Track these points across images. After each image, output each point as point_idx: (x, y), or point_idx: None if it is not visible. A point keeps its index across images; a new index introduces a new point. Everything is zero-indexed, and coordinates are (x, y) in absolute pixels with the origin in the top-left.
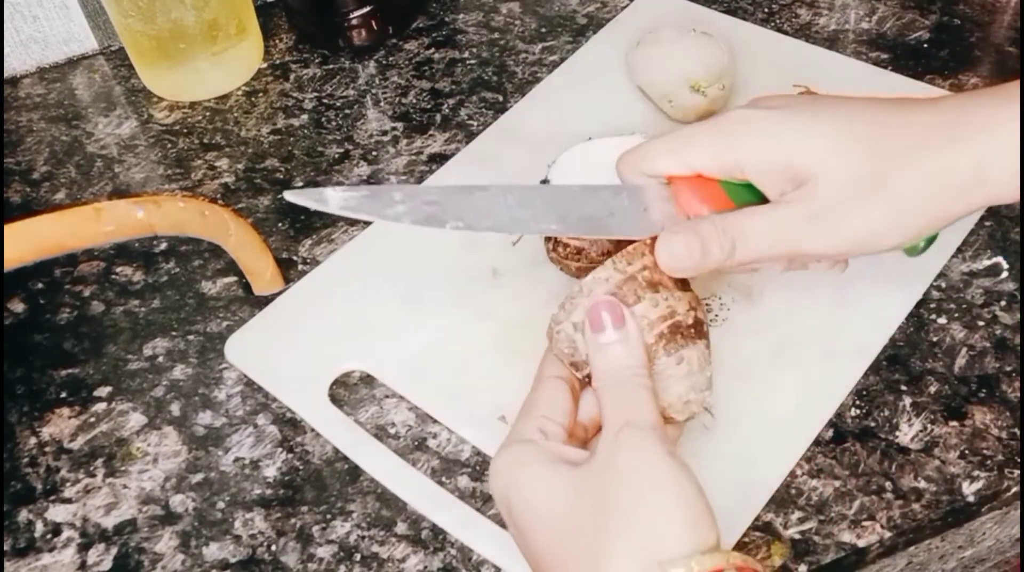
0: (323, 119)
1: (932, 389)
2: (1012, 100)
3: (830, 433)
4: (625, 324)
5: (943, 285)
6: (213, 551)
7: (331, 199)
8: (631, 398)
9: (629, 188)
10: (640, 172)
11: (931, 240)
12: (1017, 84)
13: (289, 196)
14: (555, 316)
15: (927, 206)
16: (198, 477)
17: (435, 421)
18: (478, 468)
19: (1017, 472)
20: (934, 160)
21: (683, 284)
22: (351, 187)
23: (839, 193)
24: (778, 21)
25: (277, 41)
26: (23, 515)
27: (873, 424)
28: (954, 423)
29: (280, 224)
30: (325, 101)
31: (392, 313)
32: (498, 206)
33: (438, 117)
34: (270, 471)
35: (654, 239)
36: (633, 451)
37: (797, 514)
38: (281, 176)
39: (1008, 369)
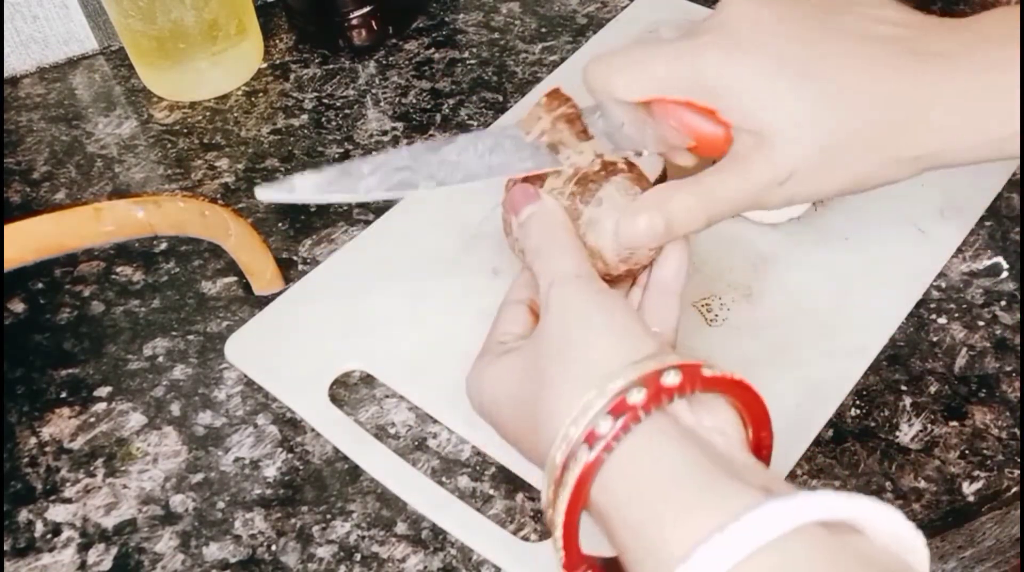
0: (323, 119)
1: (932, 389)
2: (984, 68)
3: (830, 433)
4: (539, 198)
5: (943, 285)
6: (213, 551)
7: (301, 187)
8: (553, 257)
9: (600, 109)
10: (606, 95)
11: None
12: (995, 42)
13: (260, 194)
14: (504, 227)
15: (882, 176)
16: (198, 477)
17: (435, 421)
18: (478, 468)
19: (1017, 472)
20: (899, 144)
21: (584, 134)
22: (319, 170)
23: (802, 164)
24: None
25: (277, 41)
26: (23, 515)
27: (873, 424)
28: (954, 423)
29: (280, 224)
30: (325, 101)
31: (392, 313)
32: (468, 156)
33: (438, 117)
34: (270, 471)
35: (553, 98)
36: (559, 303)
37: None
38: (281, 176)
39: (1008, 369)
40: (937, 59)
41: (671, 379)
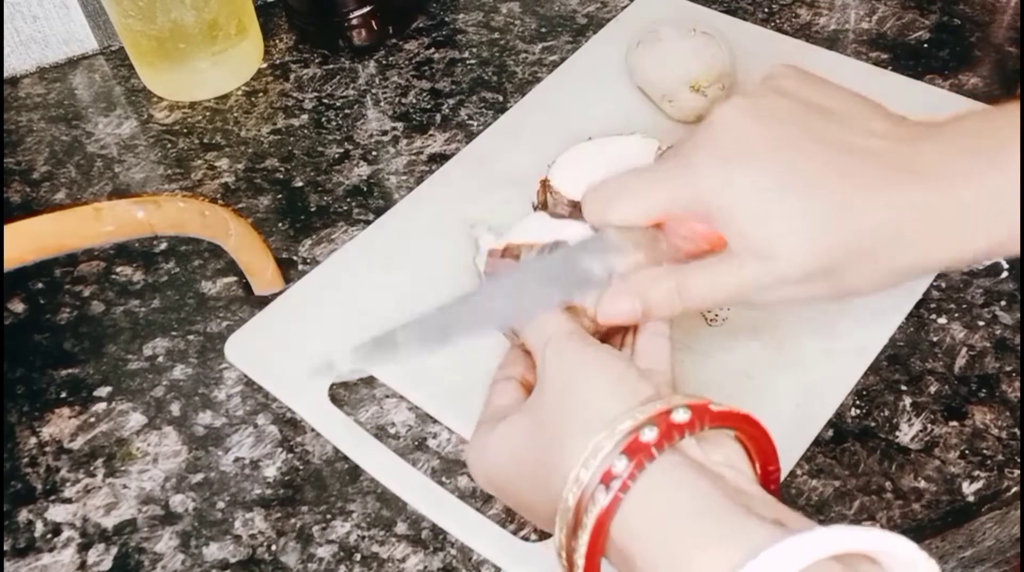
0: (323, 119)
1: (932, 389)
2: (960, 181)
3: (830, 433)
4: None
5: (943, 285)
6: (213, 551)
7: (341, 364)
8: (544, 321)
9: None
10: (607, 223)
11: None
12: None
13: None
14: None
15: (871, 285)
16: (198, 477)
17: (435, 421)
18: None
19: (1017, 472)
20: (887, 259)
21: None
22: (358, 351)
23: (791, 274)
24: (778, 21)
25: (277, 41)
26: (23, 515)
27: (873, 424)
28: (954, 423)
29: (280, 224)
30: (325, 101)
31: (392, 313)
32: (497, 302)
33: (438, 117)
34: (270, 471)
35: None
36: (556, 359)
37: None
38: (281, 176)
39: (1008, 369)
40: (916, 176)
41: (681, 416)
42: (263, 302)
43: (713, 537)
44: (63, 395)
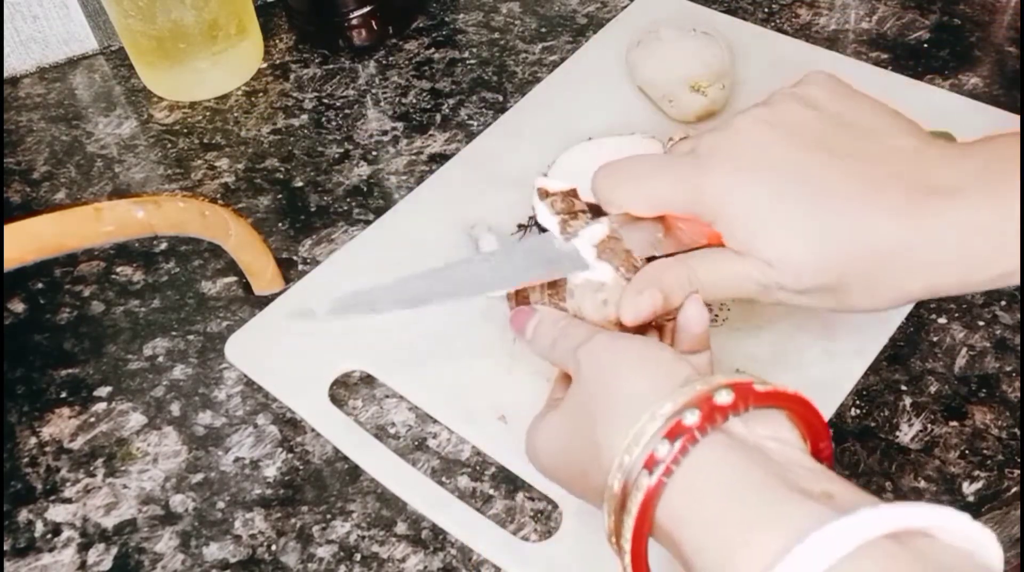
0: (323, 119)
1: (932, 389)
2: (981, 204)
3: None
4: (535, 310)
5: None
6: (213, 551)
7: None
8: (567, 337)
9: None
10: (612, 207)
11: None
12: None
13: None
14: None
15: (874, 305)
16: (198, 477)
17: (435, 421)
18: (478, 468)
19: (1017, 472)
20: (891, 280)
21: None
22: (336, 303)
23: (797, 286)
24: (778, 21)
25: (277, 41)
26: (23, 515)
27: (873, 424)
28: (954, 423)
29: (280, 224)
30: (325, 101)
31: (392, 313)
32: (481, 271)
33: (438, 117)
34: (270, 471)
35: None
36: (589, 356)
37: None
38: (281, 176)
39: (1008, 369)
40: (935, 197)
41: (724, 398)
42: (263, 302)
43: (759, 520)
44: (63, 395)
